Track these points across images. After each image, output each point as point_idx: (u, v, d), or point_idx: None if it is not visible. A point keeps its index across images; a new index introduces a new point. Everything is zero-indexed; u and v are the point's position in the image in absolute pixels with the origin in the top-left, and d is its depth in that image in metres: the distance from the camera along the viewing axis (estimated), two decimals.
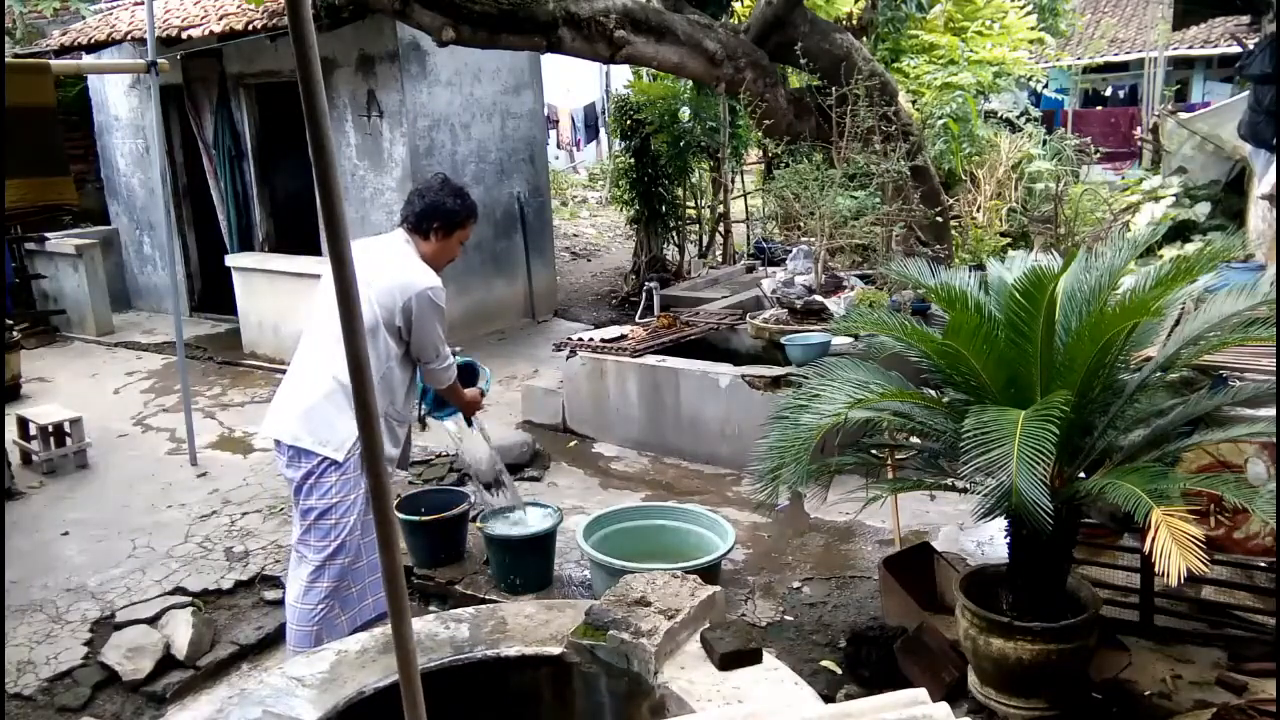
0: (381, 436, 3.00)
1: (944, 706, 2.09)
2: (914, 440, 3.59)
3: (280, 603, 4.12)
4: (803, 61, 7.32)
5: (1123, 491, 2.64)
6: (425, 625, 2.82)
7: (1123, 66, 19.61)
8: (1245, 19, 9.24)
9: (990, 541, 4.29)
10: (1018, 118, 11.15)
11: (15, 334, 7.27)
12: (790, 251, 7.67)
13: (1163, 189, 8.92)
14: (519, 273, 9.07)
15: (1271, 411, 3.03)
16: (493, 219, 8.76)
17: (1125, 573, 3.71)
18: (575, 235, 13.92)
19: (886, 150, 6.84)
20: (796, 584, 4.15)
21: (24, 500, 5.23)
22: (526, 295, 9.13)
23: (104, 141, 9.92)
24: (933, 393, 3.28)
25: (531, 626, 2.91)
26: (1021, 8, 11.00)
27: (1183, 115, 9.94)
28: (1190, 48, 18.19)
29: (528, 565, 4.11)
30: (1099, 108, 20.33)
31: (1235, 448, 3.17)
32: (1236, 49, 9.85)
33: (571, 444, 5.99)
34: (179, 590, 4.18)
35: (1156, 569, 2.41)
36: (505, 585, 4.08)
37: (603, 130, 17.97)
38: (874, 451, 3.59)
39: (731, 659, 2.52)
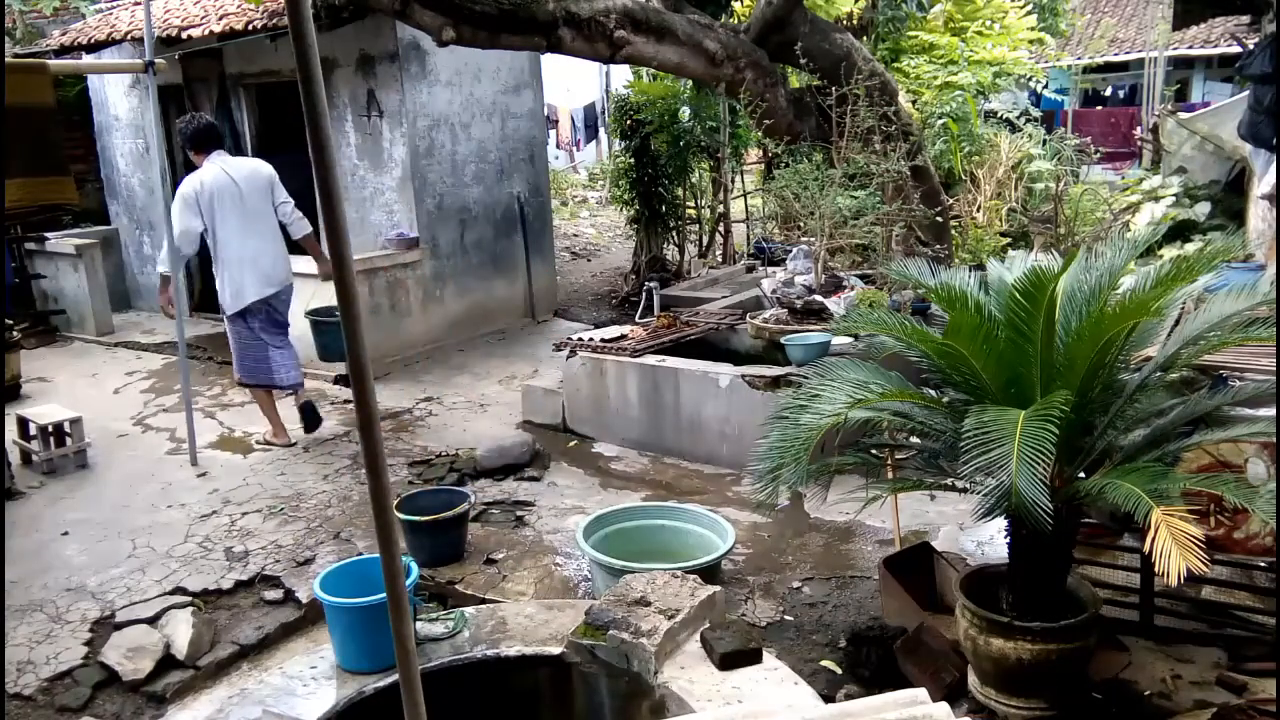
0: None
1: (944, 706, 2.09)
2: (914, 440, 3.59)
3: (279, 602, 4.17)
4: (803, 61, 7.31)
5: (1123, 491, 2.64)
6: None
7: (1123, 66, 19.62)
8: (1245, 19, 9.24)
9: (990, 541, 4.28)
10: (1018, 118, 11.15)
11: (15, 334, 7.27)
12: (790, 251, 7.67)
13: (1163, 189, 8.93)
14: (519, 273, 9.07)
15: (1271, 411, 3.04)
16: (493, 219, 8.76)
17: (1125, 573, 3.70)
18: (575, 235, 13.92)
19: (886, 150, 6.84)
20: (796, 584, 4.15)
21: (24, 500, 5.22)
22: (526, 295, 9.13)
23: (104, 141, 9.91)
24: (933, 393, 3.28)
25: (531, 626, 2.92)
26: (1021, 8, 11.00)
27: (1183, 115, 9.94)
28: (1190, 48, 18.20)
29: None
30: (1099, 108, 20.35)
31: (1235, 448, 3.17)
32: (1236, 49, 9.85)
33: (571, 444, 5.99)
34: (179, 590, 4.18)
35: (1156, 569, 2.41)
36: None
37: (603, 130, 17.97)
38: (874, 451, 3.59)
39: (731, 659, 2.53)
